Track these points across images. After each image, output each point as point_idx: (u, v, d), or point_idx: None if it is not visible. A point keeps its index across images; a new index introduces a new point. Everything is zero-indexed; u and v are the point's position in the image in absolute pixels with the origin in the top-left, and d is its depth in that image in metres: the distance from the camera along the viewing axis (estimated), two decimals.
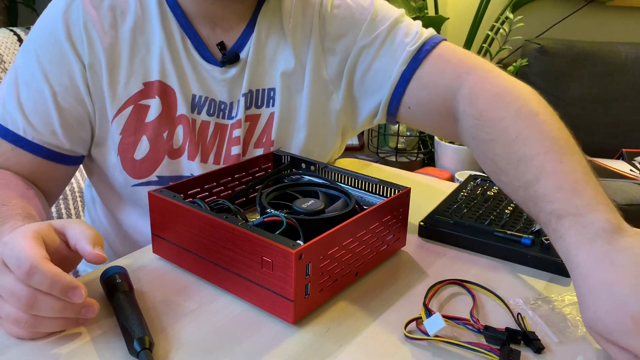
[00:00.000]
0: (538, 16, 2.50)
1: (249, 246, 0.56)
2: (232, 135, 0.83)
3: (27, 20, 2.27)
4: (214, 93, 0.82)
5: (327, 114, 0.87)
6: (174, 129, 0.81)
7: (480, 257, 0.72)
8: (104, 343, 0.53)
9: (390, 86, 0.82)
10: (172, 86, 0.80)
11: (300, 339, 0.55)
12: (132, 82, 0.79)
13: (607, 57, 2.28)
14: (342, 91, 0.86)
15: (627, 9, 2.51)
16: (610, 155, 2.12)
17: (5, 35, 1.07)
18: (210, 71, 0.82)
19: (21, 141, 0.77)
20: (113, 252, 0.93)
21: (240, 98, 0.83)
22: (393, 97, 0.83)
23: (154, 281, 0.63)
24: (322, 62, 0.85)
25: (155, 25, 0.79)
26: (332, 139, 0.89)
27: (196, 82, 0.81)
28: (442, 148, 2.18)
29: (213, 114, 0.83)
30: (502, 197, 0.85)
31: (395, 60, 0.82)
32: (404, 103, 0.83)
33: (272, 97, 0.84)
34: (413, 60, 0.81)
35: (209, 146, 0.83)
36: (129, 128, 0.80)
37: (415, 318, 0.57)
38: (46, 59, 0.77)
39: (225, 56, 0.81)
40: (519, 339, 0.54)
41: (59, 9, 0.78)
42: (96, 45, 0.77)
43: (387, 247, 0.68)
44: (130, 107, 0.79)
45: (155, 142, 0.80)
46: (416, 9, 2.23)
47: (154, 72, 0.79)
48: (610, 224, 0.55)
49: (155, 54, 0.79)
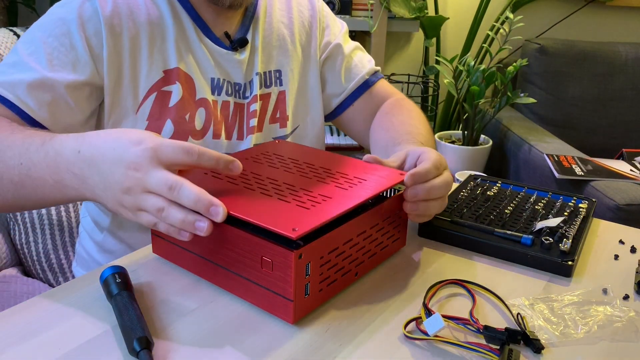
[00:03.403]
0: (538, 16, 2.50)
1: (248, 246, 0.56)
2: (249, 109, 0.92)
3: (27, 20, 2.27)
4: (230, 75, 0.91)
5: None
6: (195, 111, 0.87)
7: (480, 257, 0.72)
8: (104, 343, 0.53)
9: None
10: (190, 72, 0.87)
11: (300, 339, 0.55)
12: (154, 71, 0.84)
13: (607, 57, 2.28)
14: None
15: (627, 9, 2.50)
16: (610, 155, 2.11)
17: (5, 35, 1.06)
18: (225, 55, 0.90)
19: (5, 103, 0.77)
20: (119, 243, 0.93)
21: (254, 77, 0.93)
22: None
23: (154, 281, 0.63)
24: (317, 47, 1.00)
25: (167, 18, 0.85)
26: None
27: (213, 67, 0.89)
28: (442, 148, 2.18)
29: (231, 94, 0.91)
30: (502, 197, 0.85)
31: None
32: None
33: (279, 77, 0.96)
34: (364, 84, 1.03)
35: (232, 123, 0.91)
36: (154, 114, 0.85)
37: (415, 318, 0.57)
38: (53, 46, 0.78)
39: (235, 42, 0.90)
40: (518, 339, 0.54)
41: (73, 4, 0.80)
42: (118, 37, 0.81)
43: (387, 247, 0.68)
44: (154, 94, 0.84)
45: (178, 125, 0.85)
46: (416, 9, 2.23)
47: (172, 60, 0.85)
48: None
49: (171, 44, 0.85)
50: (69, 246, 1.12)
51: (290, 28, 0.98)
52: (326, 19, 1.03)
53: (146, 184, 0.56)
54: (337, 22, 1.05)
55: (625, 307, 0.61)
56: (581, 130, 2.29)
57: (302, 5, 1.01)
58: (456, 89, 2.11)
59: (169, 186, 0.55)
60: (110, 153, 0.59)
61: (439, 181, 0.67)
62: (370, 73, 1.03)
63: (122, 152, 0.58)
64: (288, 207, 0.58)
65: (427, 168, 0.66)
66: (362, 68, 1.03)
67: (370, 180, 0.65)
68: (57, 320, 0.56)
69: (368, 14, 2.18)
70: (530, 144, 1.98)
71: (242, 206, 0.57)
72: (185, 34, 0.87)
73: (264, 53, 0.94)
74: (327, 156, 0.74)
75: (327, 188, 0.63)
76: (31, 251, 1.10)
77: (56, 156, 0.64)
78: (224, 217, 0.55)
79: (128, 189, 0.57)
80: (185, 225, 0.56)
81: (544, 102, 2.26)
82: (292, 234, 0.52)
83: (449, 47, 2.56)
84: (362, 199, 0.60)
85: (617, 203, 1.52)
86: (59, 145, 0.64)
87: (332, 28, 1.03)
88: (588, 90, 2.27)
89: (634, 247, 0.75)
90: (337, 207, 0.58)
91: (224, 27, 0.90)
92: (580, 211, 0.80)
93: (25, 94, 0.76)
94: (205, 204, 0.55)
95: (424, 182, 0.66)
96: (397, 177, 0.66)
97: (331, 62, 1.01)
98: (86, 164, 0.61)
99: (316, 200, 0.59)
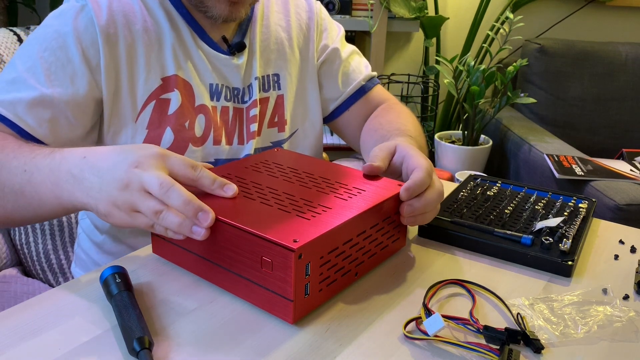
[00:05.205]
0: (538, 16, 2.50)
1: (248, 246, 0.56)
2: (249, 114, 0.92)
3: (27, 20, 2.27)
4: (228, 80, 0.90)
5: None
6: (195, 118, 0.86)
7: (480, 257, 0.72)
8: (103, 343, 0.53)
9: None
10: (188, 79, 0.86)
11: (300, 339, 0.55)
12: (151, 79, 0.83)
13: (607, 57, 2.28)
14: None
15: (627, 9, 2.50)
16: (610, 155, 2.11)
17: (5, 35, 1.06)
18: (223, 60, 0.89)
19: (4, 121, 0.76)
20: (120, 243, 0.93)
21: (252, 82, 0.92)
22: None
23: (154, 281, 0.63)
24: (315, 50, 0.99)
25: (163, 24, 0.84)
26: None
27: (211, 72, 0.88)
28: (442, 148, 2.18)
29: (230, 100, 0.90)
30: (502, 197, 0.85)
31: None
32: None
33: (277, 81, 0.95)
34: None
35: (232, 129, 0.91)
36: (154, 122, 0.84)
37: (415, 318, 0.57)
38: (50, 61, 0.78)
39: (233, 46, 0.89)
40: (518, 339, 0.54)
41: (68, 15, 0.79)
42: (114, 46, 0.80)
43: (387, 247, 0.68)
44: (152, 103, 0.84)
45: (178, 132, 0.85)
46: (416, 9, 2.23)
47: (169, 67, 0.85)
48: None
49: (168, 51, 0.84)
50: (69, 246, 1.12)
51: (288, 31, 0.97)
52: (324, 22, 1.03)
53: (143, 180, 0.57)
54: (334, 25, 1.05)
55: (625, 307, 0.61)
56: (581, 130, 2.29)
57: (300, 7, 1.00)
58: (456, 89, 2.11)
59: (159, 183, 0.56)
60: (116, 156, 0.61)
61: (433, 195, 0.67)
62: (367, 79, 1.03)
63: (128, 154, 0.60)
64: (288, 218, 0.58)
65: (422, 179, 0.66)
66: (359, 73, 1.03)
67: (368, 190, 0.66)
68: (57, 320, 0.56)
69: (368, 14, 2.18)
70: (530, 144, 1.98)
71: (243, 216, 0.58)
72: (182, 39, 0.86)
73: (262, 57, 0.93)
74: (325, 165, 0.74)
75: (327, 198, 0.63)
76: (31, 251, 1.10)
77: (61, 160, 0.66)
78: (211, 224, 0.57)
79: (127, 185, 0.58)
80: (182, 228, 0.57)
81: (544, 102, 2.26)
82: (293, 245, 0.52)
83: (449, 47, 2.56)
84: (361, 210, 0.61)
85: (617, 203, 1.52)
86: (67, 153, 0.66)
87: (329, 31, 1.03)
88: (588, 90, 2.27)
89: (634, 247, 0.75)
90: (337, 218, 0.59)
91: (222, 32, 0.89)
92: (580, 211, 0.80)
93: (25, 112, 0.76)
94: (194, 208, 0.56)
95: (419, 196, 0.66)
96: (394, 188, 0.67)
97: (328, 66, 1.01)
98: (88, 166, 0.62)
99: (316, 210, 0.60)
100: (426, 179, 0.66)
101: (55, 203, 0.66)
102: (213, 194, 0.62)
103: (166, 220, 0.57)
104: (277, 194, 0.64)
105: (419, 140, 0.87)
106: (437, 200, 0.68)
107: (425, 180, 0.66)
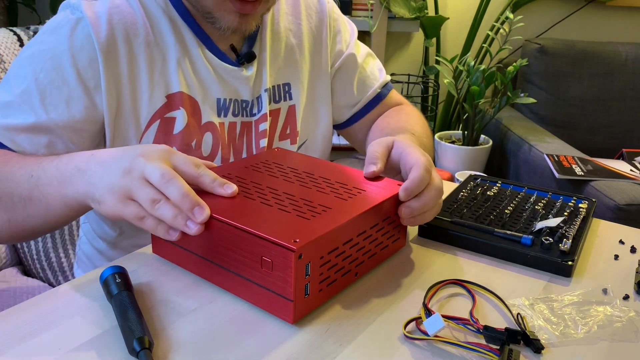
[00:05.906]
0: (538, 16, 2.50)
1: (248, 246, 0.56)
2: (258, 129, 0.88)
3: (27, 20, 2.27)
4: (238, 93, 0.86)
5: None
6: (202, 137, 0.83)
7: (480, 257, 0.72)
8: (103, 343, 0.53)
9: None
10: (194, 96, 0.82)
11: (300, 339, 0.55)
12: (155, 97, 0.80)
13: (607, 57, 2.28)
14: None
15: (627, 9, 2.50)
16: (610, 155, 2.11)
17: (5, 35, 1.06)
18: (232, 72, 0.85)
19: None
20: (115, 249, 0.93)
21: (262, 94, 0.88)
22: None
23: (154, 281, 0.63)
24: (328, 55, 0.95)
25: (167, 35, 0.80)
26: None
27: (219, 86, 0.84)
28: (442, 148, 2.18)
29: (238, 114, 0.87)
30: (502, 197, 0.85)
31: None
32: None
33: (288, 91, 0.91)
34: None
35: (239, 144, 0.87)
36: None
37: (415, 318, 0.57)
38: (44, 84, 0.75)
39: (242, 57, 0.85)
40: (518, 339, 0.54)
41: (63, 31, 0.75)
42: (115, 63, 0.76)
43: (387, 247, 0.68)
44: (157, 122, 0.80)
45: (184, 152, 0.81)
46: (416, 9, 2.23)
47: (174, 83, 0.81)
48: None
49: (173, 65, 0.80)
50: (69, 246, 1.12)
51: (298, 36, 0.93)
52: (337, 24, 0.98)
53: (145, 169, 0.57)
54: (347, 25, 1.00)
55: (625, 307, 0.61)
56: (581, 130, 2.29)
57: (311, 8, 0.95)
58: (456, 89, 2.11)
59: (161, 174, 0.57)
60: (123, 151, 0.62)
61: (432, 194, 0.66)
62: (382, 85, 1.00)
63: (137, 148, 0.61)
64: (289, 218, 0.58)
65: (420, 177, 0.65)
66: (374, 80, 1.00)
67: (368, 190, 0.66)
68: (57, 320, 0.56)
69: (368, 14, 2.18)
70: (530, 144, 1.98)
71: (243, 216, 0.58)
72: (188, 51, 0.81)
73: (272, 66, 0.89)
74: (325, 165, 0.74)
75: (327, 198, 0.63)
76: (31, 251, 1.11)
77: (69, 159, 0.66)
78: (206, 220, 0.57)
79: (129, 171, 0.58)
80: (176, 221, 0.56)
81: (544, 102, 2.26)
82: (294, 245, 0.52)
83: (449, 47, 2.56)
84: (361, 210, 0.61)
85: (617, 203, 1.52)
86: (74, 154, 0.67)
87: (342, 34, 0.98)
88: (588, 90, 2.27)
89: (634, 247, 0.75)
90: (337, 218, 0.58)
91: (230, 40, 0.85)
92: (580, 211, 0.80)
93: (21, 139, 0.74)
94: (191, 202, 0.56)
95: (417, 196, 0.65)
96: (394, 188, 0.67)
97: (344, 72, 0.97)
98: (94, 160, 0.63)
99: (316, 210, 0.60)
100: (425, 176, 0.65)
101: (61, 203, 0.66)
102: (213, 193, 0.62)
103: (161, 210, 0.57)
104: (277, 194, 0.64)
105: (423, 139, 0.86)
106: (437, 198, 0.67)
107: (424, 178, 0.65)
